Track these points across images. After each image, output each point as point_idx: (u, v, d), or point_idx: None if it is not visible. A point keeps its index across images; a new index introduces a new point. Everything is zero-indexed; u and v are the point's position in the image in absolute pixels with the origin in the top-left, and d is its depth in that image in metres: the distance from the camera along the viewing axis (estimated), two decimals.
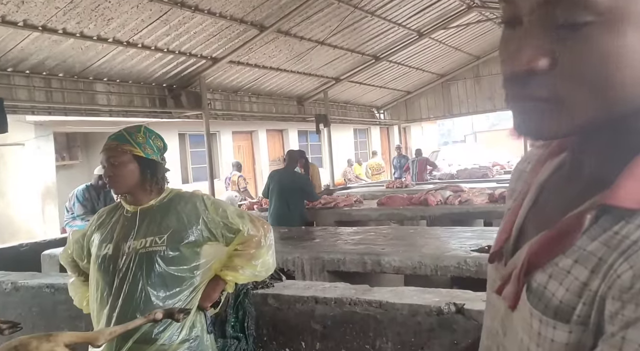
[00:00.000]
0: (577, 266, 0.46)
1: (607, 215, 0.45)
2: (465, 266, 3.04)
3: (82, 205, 5.42)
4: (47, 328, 2.83)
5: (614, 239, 0.43)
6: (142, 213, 1.73)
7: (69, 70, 5.90)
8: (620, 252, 0.42)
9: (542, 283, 0.48)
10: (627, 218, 0.43)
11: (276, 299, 2.43)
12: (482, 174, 9.95)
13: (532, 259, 0.50)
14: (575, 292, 0.45)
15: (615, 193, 0.44)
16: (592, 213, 0.46)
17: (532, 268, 0.50)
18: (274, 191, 5.86)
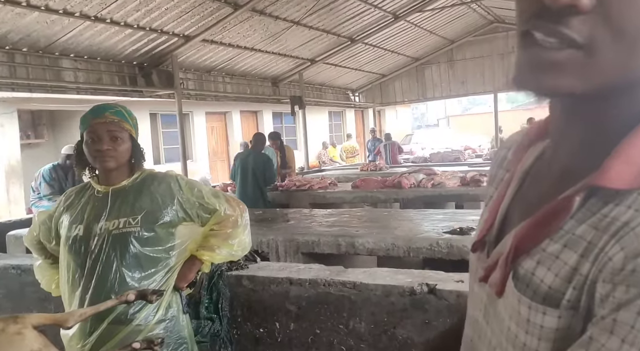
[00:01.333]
0: (566, 251, 0.45)
1: (595, 198, 0.45)
2: (437, 248, 3.08)
3: (49, 185, 5.26)
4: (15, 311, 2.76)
5: (603, 222, 0.43)
6: (114, 193, 1.69)
7: (34, 45, 5.66)
8: (611, 234, 0.42)
9: (530, 269, 0.48)
10: (616, 201, 0.43)
11: (251, 280, 2.42)
12: (455, 158, 10.10)
13: (519, 244, 0.49)
14: (565, 277, 0.44)
15: (606, 175, 0.43)
16: (580, 195, 0.45)
17: (519, 254, 0.49)
18: (238, 173, 5.88)
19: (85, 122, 1.66)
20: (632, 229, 0.40)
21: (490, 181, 0.69)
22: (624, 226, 0.41)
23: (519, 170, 0.60)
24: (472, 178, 5.60)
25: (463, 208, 5.46)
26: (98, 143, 1.62)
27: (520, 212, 0.55)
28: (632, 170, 0.42)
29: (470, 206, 5.38)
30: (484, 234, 0.60)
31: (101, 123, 1.63)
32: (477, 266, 0.60)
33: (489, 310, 0.55)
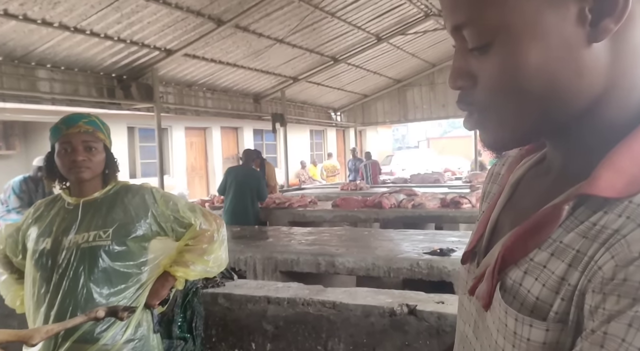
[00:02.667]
0: (554, 259, 0.44)
1: (584, 206, 0.44)
2: (418, 269, 3.05)
3: (18, 198, 5.08)
4: None
5: (592, 230, 0.42)
6: (86, 205, 1.61)
7: (9, 54, 5.53)
8: (600, 242, 0.41)
9: (517, 280, 0.47)
10: (606, 209, 0.42)
11: (227, 298, 2.34)
12: (434, 179, 10.16)
13: (506, 255, 0.48)
14: (553, 287, 0.43)
15: (595, 184, 0.43)
16: (569, 204, 0.45)
17: (506, 265, 0.48)
18: (232, 188, 5.83)
19: (57, 132, 1.59)
20: (623, 236, 0.39)
21: (484, 197, 0.69)
22: (614, 233, 0.40)
23: (510, 180, 0.60)
24: (452, 200, 5.63)
25: (443, 229, 5.46)
26: (72, 153, 1.56)
27: (509, 222, 0.54)
28: (622, 179, 0.42)
29: (449, 227, 5.39)
30: (474, 245, 0.59)
31: (75, 134, 1.57)
32: (466, 278, 0.59)
33: (478, 324, 0.53)
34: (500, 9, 0.45)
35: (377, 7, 8.30)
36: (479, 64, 0.48)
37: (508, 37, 0.45)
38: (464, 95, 0.50)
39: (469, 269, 0.59)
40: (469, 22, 0.47)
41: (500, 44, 0.46)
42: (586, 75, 0.45)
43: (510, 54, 0.45)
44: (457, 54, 0.50)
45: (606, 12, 0.42)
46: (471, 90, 0.50)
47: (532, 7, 0.44)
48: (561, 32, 0.44)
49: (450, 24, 0.49)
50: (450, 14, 0.49)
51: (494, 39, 0.46)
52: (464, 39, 0.48)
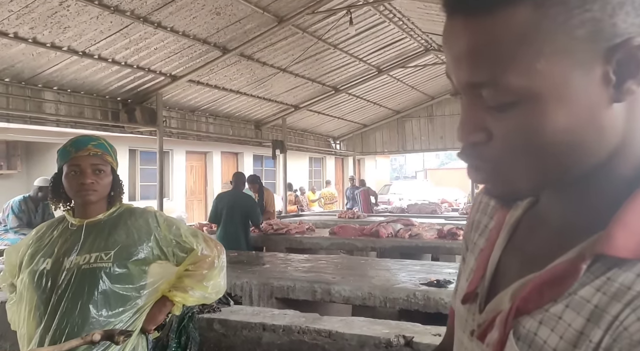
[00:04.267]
0: (569, 311, 0.45)
1: (599, 263, 0.45)
2: (414, 300, 3.04)
3: (17, 217, 5.10)
4: None
5: (611, 287, 0.43)
6: (89, 227, 1.62)
7: (17, 76, 5.63)
8: (624, 303, 0.42)
9: (532, 329, 0.47)
10: (620, 266, 0.44)
11: (222, 324, 2.34)
12: (432, 210, 10.18)
13: (521, 305, 0.49)
14: (571, 341, 0.44)
15: (612, 243, 0.44)
16: (587, 262, 0.46)
17: (520, 315, 0.49)
18: (224, 213, 5.76)
19: (66, 155, 1.61)
20: None
21: (473, 226, 0.68)
22: (638, 295, 0.41)
23: (508, 219, 0.59)
24: (448, 231, 5.64)
25: (439, 260, 5.45)
26: (81, 176, 1.58)
27: (516, 266, 0.54)
28: (634, 239, 0.43)
29: (446, 258, 5.38)
30: (476, 286, 0.59)
31: (84, 157, 1.59)
32: (467, 318, 0.59)
33: None
34: (527, 71, 0.44)
35: (378, 40, 8.50)
36: (496, 121, 0.47)
37: (534, 99, 0.44)
38: (473, 150, 0.49)
39: (469, 309, 0.59)
40: (491, 82, 0.45)
41: (525, 104, 0.45)
42: (606, 135, 0.46)
43: (535, 114, 0.45)
44: (470, 107, 0.48)
45: (630, 74, 0.44)
46: (482, 145, 0.48)
47: (560, 70, 0.44)
48: (587, 94, 0.44)
49: (466, 81, 0.47)
50: (468, 71, 0.47)
51: (518, 99, 0.45)
52: (480, 95, 0.47)
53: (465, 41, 0.46)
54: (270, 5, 6.20)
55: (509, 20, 0.44)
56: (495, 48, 0.44)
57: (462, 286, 0.63)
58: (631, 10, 0.43)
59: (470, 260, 0.64)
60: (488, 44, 0.45)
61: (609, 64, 0.43)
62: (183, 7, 5.49)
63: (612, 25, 0.43)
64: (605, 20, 0.42)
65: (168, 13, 5.51)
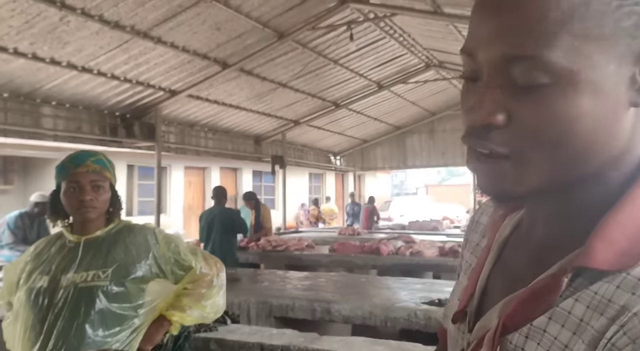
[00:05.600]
0: (552, 323, 0.45)
1: (581, 277, 0.45)
2: (415, 319, 2.98)
3: (13, 233, 5.02)
4: None
5: (593, 299, 0.43)
6: (87, 244, 1.59)
7: (16, 91, 5.62)
8: (610, 318, 0.41)
9: (519, 344, 0.47)
10: (603, 279, 0.43)
11: (219, 344, 2.27)
12: (433, 227, 10.11)
13: (507, 322, 0.49)
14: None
15: (591, 255, 0.44)
16: (568, 276, 0.45)
17: (507, 332, 0.49)
18: (204, 232, 5.71)
19: (64, 171, 1.59)
20: (634, 314, 0.39)
21: (465, 245, 0.69)
22: (624, 310, 0.40)
23: (497, 238, 0.59)
24: (450, 248, 5.57)
25: (440, 278, 5.37)
26: (80, 193, 1.56)
27: (501, 284, 0.54)
28: (614, 252, 0.43)
29: (447, 277, 5.30)
30: (465, 305, 0.58)
31: (83, 173, 1.57)
32: (457, 338, 0.58)
33: None
34: (571, 52, 0.42)
35: (379, 56, 8.54)
36: (519, 102, 0.44)
37: (569, 83, 0.43)
38: (487, 133, 0.46)
39: (459, 328, 0.59)
40: (532, 57, 0.43)
41: (557, 87, 0.43)
42: (617, 138, 0.45)
43: (565, 100, 0.43)
44: (493, 85, 0.45)
45: None
46: (499, 129, 0.45)
47: (602, 59, 0.42)
48: (616, 90, 0.43)
49: (503, 53, 0.44)
50: (508, 43, 0.44)
51: (552, 80, 0.43)
52: (508, 72, 0.44)
53: (512, 10, 0.44)
54: (271, 21, 6.23)
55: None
56: (544, 21, 0.42)
57: (454, 305, 0.62)
58: None
59: (463, 279, 0.64)
60: (536, 16, 0.42)
61: (637, 66, 0.43)
62: (183, 22, 5.51)
63: None
64: None
65: (168, 28, 5.53)
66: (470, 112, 0.47)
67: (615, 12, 0.42)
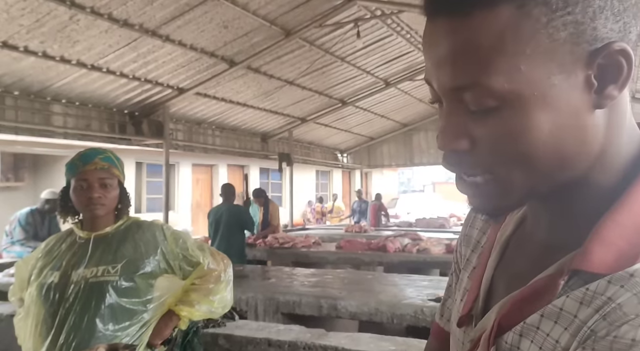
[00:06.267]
0: (546, 321, 0.45)
1: (576, 277, 0.45)
2: (422, 316, 2.99)
3: (24, 230, 5.08)
4: None
5: (586, 296, 0.43)
6: (96, 240, 1.62)
7: (26, 89, 5.68)
8: (594, 309, 0.42)
9: (514, 343, 0.47)
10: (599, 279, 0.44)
11: (227, 340, 2.30)
12: (440, 224, 10.08)
13: (503, 322, 0.49)
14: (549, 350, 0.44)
15: (588, 259, 0.44)
16: (564, 278, 0.45)
17: (503, 332, 0.49)
18: (212, 228, 5.73)
19: (73, 169, 1.62)
20: (617, 303, 0.40)
21: (464, 241, 0.68)
22: (608, 301, 0.41)
23: (499, 238, 0.59)
24: None
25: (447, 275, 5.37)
26: (88, 190, 1.59)
27: (504, 285, 0.54)
28: (612, 254, 0.43)
29: None
30: (470, 307, 0.57)
31: (92, 170, 1.60)
32: (462, 339, 0.58)
33: None
34: (509, 73, 0.43)
35: (386, 53, 8.53)
36: (478, 127, 0.46)
37: (517, 102, 0.43)
38: (457, 158, 0.48)
39: (465, 331, 0.58)
40: (474, 85, 0.44)
41: (508, 109, 0.44)
42: (588, 141, 0.45)
43: (518, 119, 0.44)
44: (451, 113, 0.47)
45: (611, 79, 0.44)
46: (466, 153, 0.47)
47: (543, 72, 0.43)
48: (570, 98, 0.44)
49: (447, 84, 0.46)
50: (449, 74, 0.45)
51: (500, 103, 0.44)
52: (462, 99, 0.46)
53: (446, 44, 0.45)
54: (278, 19, 6.24)
55: (490, 21, 0.42)
56: (477, 50, 0.43)
57: (457, 306, 0.62)
58: (610, 16, 0.43)
59: (464, 278, 0.63)
60: (470, 46, 0.43)
61: (591, 68, 0.43)
62: (191, 20, 5.54)
63: (593, 29, 0.42)
64: (586, 23, 0.42)
65: (176, 26, 5.56)
66: (438, 139, 0.48)
67: (547, 28, 0.42)
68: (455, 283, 0.68)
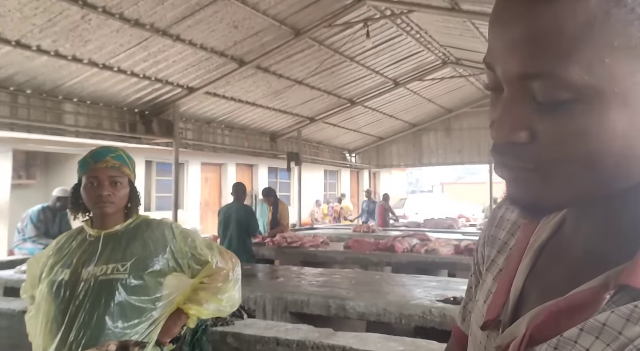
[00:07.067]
0: (586, 336, 0.42)
1: (623, 292, 0.42)
2: (430, 317, 2.98)
3: (35, 227, 5.14)
4: None
5: (635, 313, 0.40)
6: (107, 238, 1.64)
7: (39, 88, 5.74)
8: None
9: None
10: None
11: (236, 338, 2.31)
12: (449, 225, 10.03)
13: (535, 333, 0.46)
14: None
15: (638, 275, 0.41)
16: (610, 293, 0.43)
17: (535, 344, 0.46)
18: (222, 227, 5.76)
19: (85, 166, 1.63)
20: None
21: (488, 241, 0.64)
22: None
23: (532, 243, 0.56)
24: (466, 247, 5.54)
25: (456, 277, 5.35)
26: (99, 188, 1.60)
27: (538, 294, 0.51)
28: None
29: (463, 275, 5.27)
30: (499, 312, 0.55)
31: (102, 169, 1.61)
32: (486, 345, 0.56)
33: None
34: (592, 65, 0.39)
35: (395, 53, 8.51)
36: (542, 119, 0.42)
37: (594, 99, 0.40)
38: (512, 149, 0.44)
39: (490, 335, 0.55)
40: (550, 74, 0.40)
41: (582, 104, 0.40)
42: None
43: (592, 116, 0.40)
44: (514, 102, 0.43)
45: None
46: (523, 146, 0.43)
47: (629, 70, 0.39)
48: None
49: (519, 70, 0.42)
50: (523, 59, 0.41)
51: (574, 97, 0.40)
52: (529, 88, 0.42)
53: (523, 25, 0.40)
54: (288, 19, 6.25)
55: (579, 6, 0.38)
56: (560, 36, 0.39)
57: (479, 308, 0.59)
58: None
59: (488, 279, 0.61)
60: (552, 30, 0.39)
61: None
62: (202, 20, 5.56)
63: None
64: None
65: (187, 26, 5.59)
66: (493, 128, 0.45)
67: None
68: (477, 286, 0.65)
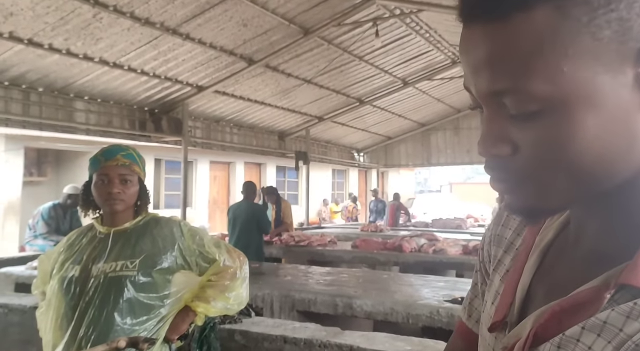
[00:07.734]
0: (587, 333, 0.43)
1: (623, 291, 0.43)
2: (437, 317, 2.98)
3: (46, 224, 5.19)
4: None
5: (634, 310, 0.41)
6: (116, 235, 1.66)
7: (50, 85, 5.80)
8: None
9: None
10: None
11: (243, 336, 2.33)
12: (457, 225, 10.01)
13: (539, 332, 0.47)
14: None
15: (638, 273, 0.42)
16: (611, 292, 0.43)
17: (539, 343, 0.47)
18: (231, 225, 5.77)
19: (96, 164, 1.65)
20: None
21: (493, 240, 0.65)
22: None
23: (538, 243, 0.56)
24: (474, 247, 5.53)
25: (463, 277, 5.34)
26: (109, 186, 1.62)
27: (544, 294, 0.52)
28: None
29: (471, 275, 5.18)
30: (505, 313, 0.55)
31: (113, 166, 1.63)
32: (493, 346, 0.56)
33: None
34: (553, 76, 0.41)
35: (404, 52, 8.49)
36: (520, 131, 0.44)
37: (561, 106, 0.42)
38: (498, 163, 0.46)
39: (496, 336, 0.56)
40: (514, 89, 0.42)
41: (551, 113, 0.42)
42: (638, 143, 0.43)
43: (563, 123, 0.42)
44: (492, 118, 0.46)
45: None
46: (509, 158, 0.45)
47: (587, 74, 0.41)
48: (618, 99, 0.42)
49: (486, 89, 0.44)
50: (488, 79, 0.44)
51: (543, 107, 0.42)
52: (502, 104, 0.44)
53: (483, 49, 0.43)
54: (297, 17, 6.26)
55: (527, 24, 0.41)
56: (515, 53, 0.42)
57: (488, 310, 0.59)
58: None
59: (496, 280, 0.61)
60: (508, 50, 0.42)
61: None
62: (211, 19, 5.59)
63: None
64: (632, 19, 0.40)
65: (197, 25, 5.61)
66: (479, 145, 0.47)
67: (589, 27, 0.40)
68: (482, 283, 0.66)
